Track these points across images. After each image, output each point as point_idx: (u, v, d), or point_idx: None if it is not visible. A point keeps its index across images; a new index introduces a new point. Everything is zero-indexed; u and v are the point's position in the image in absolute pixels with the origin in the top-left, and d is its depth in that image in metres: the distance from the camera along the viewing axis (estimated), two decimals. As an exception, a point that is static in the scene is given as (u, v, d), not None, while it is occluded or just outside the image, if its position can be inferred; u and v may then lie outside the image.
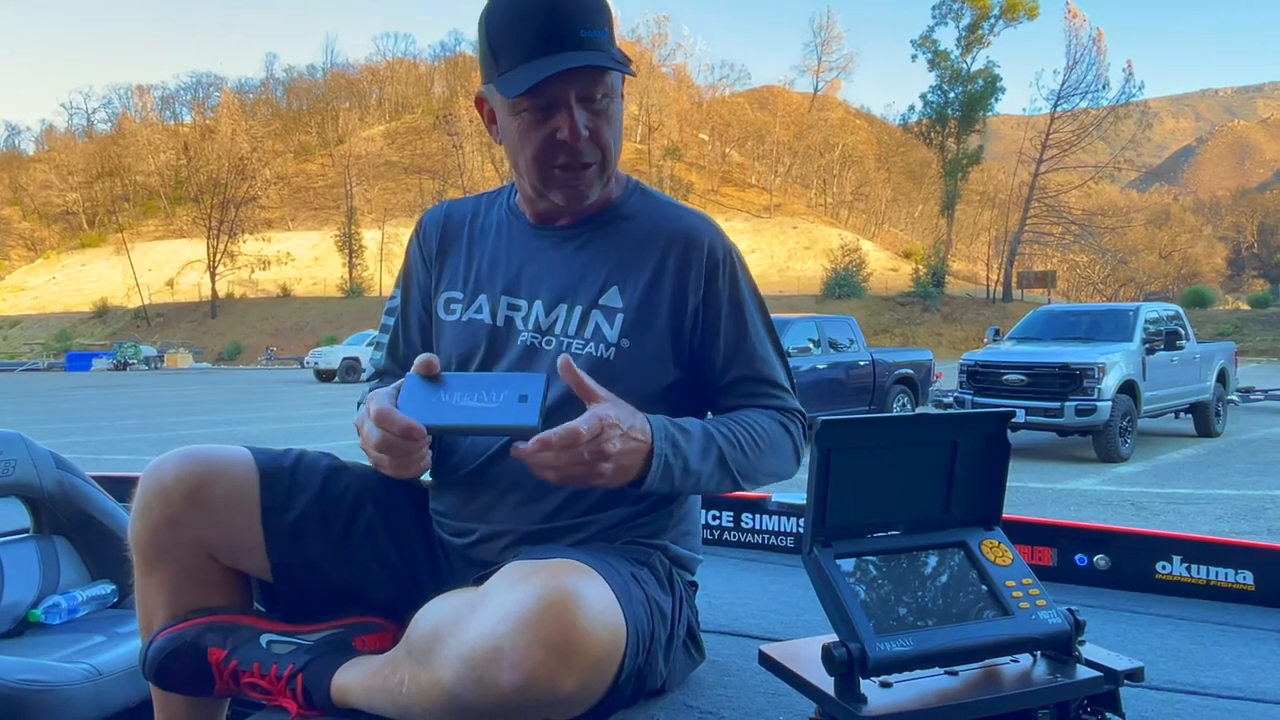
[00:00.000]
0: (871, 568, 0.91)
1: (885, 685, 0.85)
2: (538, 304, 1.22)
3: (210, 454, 1.16)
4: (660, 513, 1.22)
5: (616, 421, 1.01)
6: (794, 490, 2.03)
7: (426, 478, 1.31)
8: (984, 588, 0.91)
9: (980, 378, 9.70)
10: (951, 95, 54.76)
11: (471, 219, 1.33)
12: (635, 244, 1.23)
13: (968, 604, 0.90)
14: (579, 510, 1.17)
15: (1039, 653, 0.91)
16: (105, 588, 1.95)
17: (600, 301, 1.20)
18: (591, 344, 1.19)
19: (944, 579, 0.92)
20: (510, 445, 1.17)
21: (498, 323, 1.24)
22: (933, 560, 0.94)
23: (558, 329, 1.20)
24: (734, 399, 1.24)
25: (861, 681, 0.83)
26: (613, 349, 1.18)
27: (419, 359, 1.06)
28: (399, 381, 1.09)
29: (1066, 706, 0.87)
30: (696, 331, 1.22)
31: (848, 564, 0.90)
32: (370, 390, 1.25)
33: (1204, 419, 10.79)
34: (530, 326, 1.22)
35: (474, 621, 0.89)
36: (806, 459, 0.91)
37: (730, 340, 1.23)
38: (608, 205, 1.27)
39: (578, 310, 1.20)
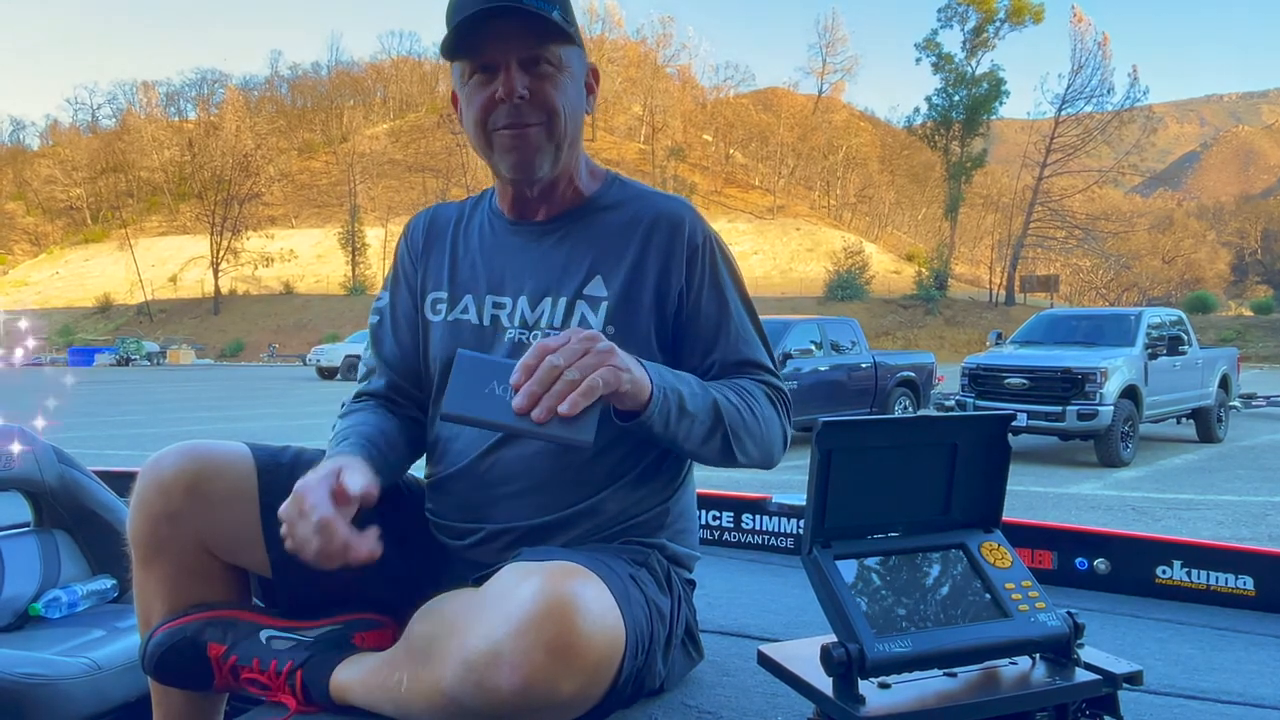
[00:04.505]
0: (871, 569, 0.91)
1: (884, 686, 0.85)
2: (522, 299, 1.23)
3: (209, 449, 1.16)
4: (658, 509, 1.22)
5: (586, 333, 1.00)
6: (794, 491, 2.04)
7: (423, 476, 1.31)
8: (983, 590, 0.91)
9: (982, 381, 9.69)
10: (956, 98, 54.79)
11: (456, 221, 1.34)
12: (616, 233, 1.24)
13: (967, 606, 0.90)
14: (577, 500, 1.17)
15: (1038, 655, 0.91)
16: (105, 582, 1.95)
17: (584, 291, 1.21)
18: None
19: (943, 581, 0.92)
20: (494, 448, 1.18)
21: (484, 322, 1.24)
22: (932, 562, 0.94)
23: (543, 322, 1.21)
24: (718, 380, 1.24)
25: (860, 682, 0.83)
26: None
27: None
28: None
29: (1065, 709, 0.87)
30: (680, 314, 1.23)
31: (847, 565, 0.90)
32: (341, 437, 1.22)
33: (1206, 424, 10.77)
34: (516, 323, 1.22)
35: (473, 624, 0.89)
36: (804, 459, 0.91)
37: (711, 322, 1.23)
38: (584, 199, 1.28)
39: (562, 302, 1.21)
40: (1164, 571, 1.76)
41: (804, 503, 0.91)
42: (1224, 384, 11.08)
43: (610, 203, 1.28)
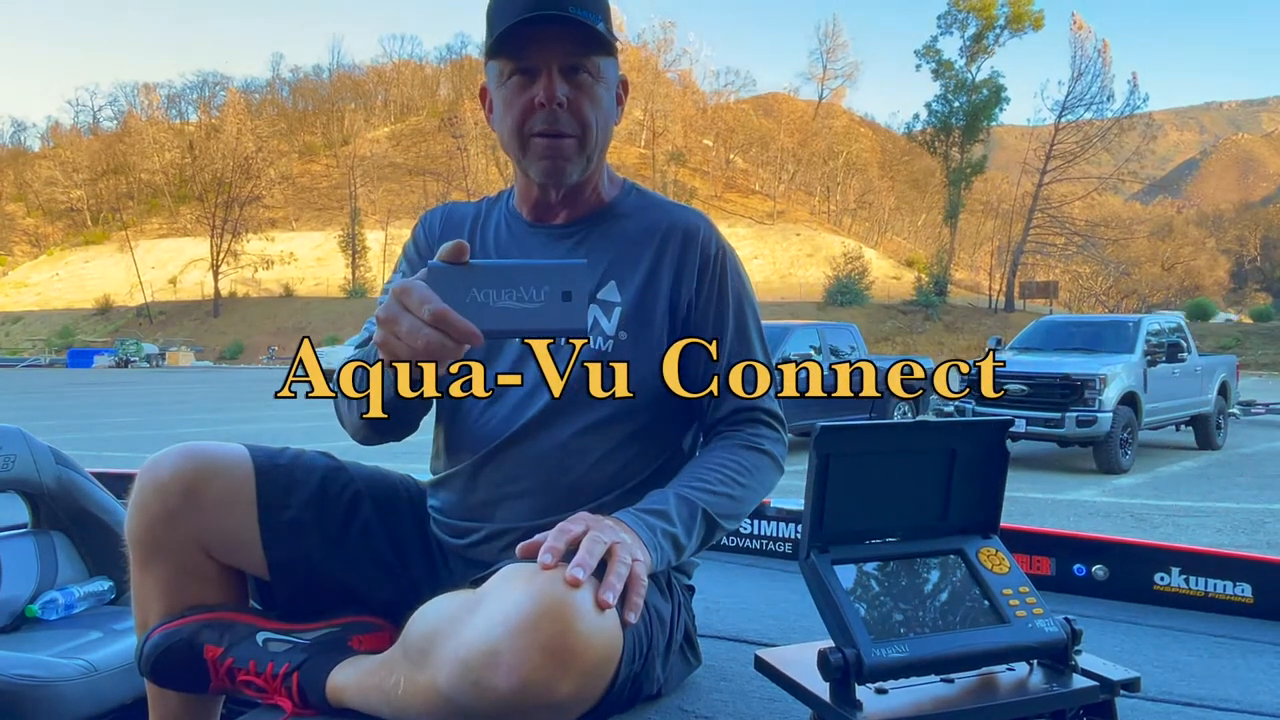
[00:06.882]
0: (869, 574, 0.91)
1: (881, 692, 0.84)
2: None
3: (207, 451, 1.16)
4: None
5: (582, 519, 0.97)
6: (792, 496, 2.04)
7: (424, 477, 1.31)
8: (981, 596, 0.91)
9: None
10: (956, 104, 54.82)
11: (472, 220, 1.34)
12: (632, 240, 1.25)
13: (965, 611, 0.90)
14: (579, 503, 1.17)
15: (1035, 661, 0.91)
16: (102, 584, 1.95)
17: (598, 296, 1.22)
18: (590, 337, 1.20)
19: (941, 586, 0.92)
20: (501, 448, 1.18)
21: None
22: (930, 567, 0.93)
23: None
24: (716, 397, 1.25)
25: (857, 688, 0.83)
26: (610, 341, 1.20)
27: (447, 244, 0.92)
28: (421, 270, 0.94)
29: (1062, 715, 0.87)
30: (688, 324, 1.24)
31: (845, 570, 0.90)
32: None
33: (1205, 432, 10.78)
34: None
35: (470, 624, 0.88)
36: (803, 464, 0.91)
37: (715, 336, 1.24)
38: (604, 205, 1.29)
39: None
40: (1162, 578, 1.76)
41: (802, 507, 0.90)
42: (1223, 391, 11.09)
43: (627, 210, 1.29)
